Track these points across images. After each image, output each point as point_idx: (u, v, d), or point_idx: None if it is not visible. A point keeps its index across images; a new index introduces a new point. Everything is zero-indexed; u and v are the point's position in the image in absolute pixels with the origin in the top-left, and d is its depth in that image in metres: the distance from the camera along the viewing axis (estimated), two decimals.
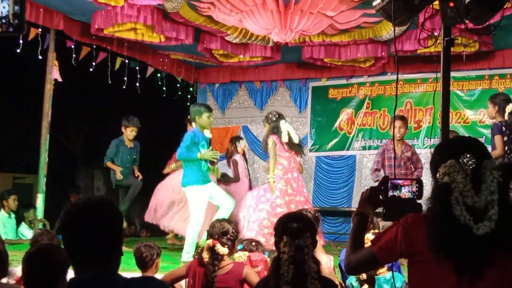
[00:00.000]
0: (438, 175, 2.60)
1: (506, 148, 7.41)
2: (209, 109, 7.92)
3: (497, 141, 7.49)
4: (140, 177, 9.48)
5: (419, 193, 2.89)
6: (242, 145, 9.97)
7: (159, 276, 5.02)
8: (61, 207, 12.52)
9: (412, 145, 9.22)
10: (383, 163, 8.67)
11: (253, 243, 5.56)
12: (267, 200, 7.85)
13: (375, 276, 4.82)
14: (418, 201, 2.90)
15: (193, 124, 7.97)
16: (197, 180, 7.58)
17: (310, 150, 12.46)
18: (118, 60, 10.56)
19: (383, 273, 4.82)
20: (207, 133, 7.82)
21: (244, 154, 10.01)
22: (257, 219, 7.73)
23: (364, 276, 4.85)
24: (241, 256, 5.17)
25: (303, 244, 3.46)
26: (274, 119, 8.07)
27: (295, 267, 3.41)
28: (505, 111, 7.58)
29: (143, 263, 5.14)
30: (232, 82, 13.04)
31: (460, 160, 2.56)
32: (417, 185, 2.90)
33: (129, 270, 5.54)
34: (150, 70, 11.43)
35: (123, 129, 9.34)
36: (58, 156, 14.82)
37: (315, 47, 10.54)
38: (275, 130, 8.03)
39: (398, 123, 8.60)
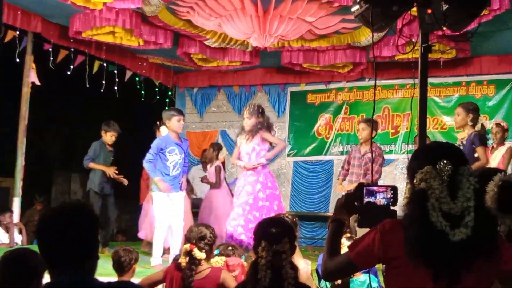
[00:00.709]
0: (415, 181, 2.61)
1: None
2: (179, 113, 8.00)
3: (481, 152, 7.50)
4: (125, 182, 9.42)
5: (394, 199, 2.91)
6: (224, 153, 10.00)
7: (135, 281, 5.00)
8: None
9: (381, 149, 9.24)
10: (348, 161, 8.76)
11: (230, 248, 5.56)
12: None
13: (351, 279, 4.84)
14: (393, 208, 2.92)
15: (162, 130, 8.03)
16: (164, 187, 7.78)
17: (288, 155, 12.49)
18: (96, 64, 10.51)
19: (357, 276, 4.83)
20: (175, 137, 7.93)
21: (223, 163, 10.05)
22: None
23: (338, 280, 4.86)
24: (218, 261, 5.16)
25: (281, 249, 3.44)
26: (263, 114, 8.01)
27: (273, 272, 3.40)
28: (478, 121, 7.60)
29: (121, 267, 5.11)
30: (210, 86, 13.04)
31: (437, 166, 2.57)
32: (391, 191, 2.91)
33: (105, 275, 5.52)
34: (128, 74, 11.39)
35: (102, 134, 9.24)
36: (35, 160, 14.66)
37: (294, 52, 10.56)
38: (268, 126, 7.99)
39: (361, 125, 8.73)
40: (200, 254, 4.67)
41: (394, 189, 2.93)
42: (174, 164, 7.93)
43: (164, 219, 7.78)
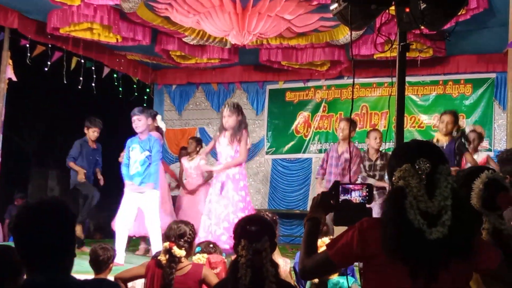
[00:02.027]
0: (393, 179, 2.63)
1: None
2: (133, 113, 8.10)
3: (470, 157, 7.66)
4: (102, 182, 9.43)
5: (369, 198, 2.93)
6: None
7: (111, 277, 5.00)
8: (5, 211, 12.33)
9: (359, 149, 9.29)
10: (326, 160, 8.79)
11: (211, 245, 5.55)
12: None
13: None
14: (368, 206, 2.94)
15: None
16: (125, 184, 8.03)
17: (267, 153, 12.50)
18: (74, 60, 10.44)
19: (332, 276, 4.82)
20: (138, 134, 8.11)
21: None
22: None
23: (315, 280, 4.85)
24: (200, 258, 5.16)
25: (261, 248, 3.43)
26: (242, 112, 7.97)
27: (253, 271, 3.39)
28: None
29: (98, 265, 5.09)
30: (189, 83, 13.00)
31: (416, 164, 2.59)
32: (367, 190, 2.93)
33: (82, 272, 5.50)
34: (106, 70, 11.32)
35: (85, 130, 9.28)
36: (11, 156, 14.55)
37: (273, 50, 10.57)
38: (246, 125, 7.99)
39: (342, 124, 8.74)
40: (179, 252, 4.66)
41: (369, 187, 2.95)
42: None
43: (122, 215, 7.99)
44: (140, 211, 8.07)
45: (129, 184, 7.93)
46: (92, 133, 9.27)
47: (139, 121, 8.02)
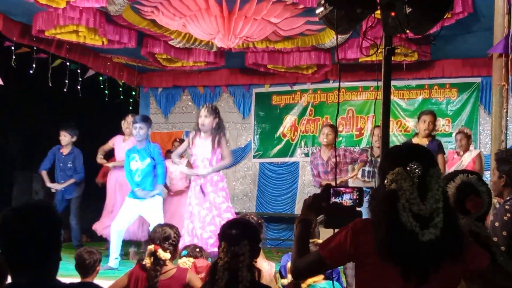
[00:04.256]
0: (386, 182, 2.66)
1: None
2: (136, 120, 8.24)
3: (441, 159, 7.70)
4: (54, 189, 9.54)
5: (360, 201, 2.95)
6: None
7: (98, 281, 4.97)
8: None
9: (346, 149, 9.35)
10: (315, 167, 8.82)
11: (197, 249, 5.55)
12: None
13: (311, 284, 4.81)
14: (358, 209, 2.96)
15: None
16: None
17: (254, 157, 12.50)
18: (58, 62, 10.38)
19: (319, 281, 4.82)
20: (136, 143, 8.27)
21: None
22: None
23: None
24: (186, 262, 5.16)
25: (239, 251, 3.43)
26: (219, 115, 7.92)
27: (230, 274, 3.40)
28: None
29: (84, 268, 5.07)
30: (175, 86, 12.99)
31: (408, 167, 2.62)
32: (357, 193, 2.96)
33: (67, 276, 5.47)
34: (90, 73, 11.28)
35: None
36: None
37: (259, 53, 10.57)
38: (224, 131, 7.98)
39: (326, 129, 8.76)
40: (164, 255, 4.66)
41: (360, 190, 2.98)
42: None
43: (116, 219, 8.15)
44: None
45: (137, 190, 8.09)
46: (62, 137, 9.31)
47: (141, 129, 8.07)
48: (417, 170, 2.61)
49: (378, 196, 2.68)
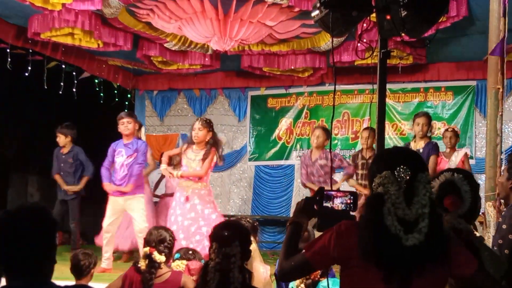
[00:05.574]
0: (373, 185, 2.66)
1: None
2: (121, 116, 8.18)
3: (433, 161, 7.70)
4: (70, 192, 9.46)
5: (354, 205, 2.94)
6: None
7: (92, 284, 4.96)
8: None
9: (336, 154, 9.40)
10: (305, 168, 8.88)
11: (190, 252, 5.54)
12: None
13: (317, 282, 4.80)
14: (352, 213, 2.95)
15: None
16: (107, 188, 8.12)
17: (250, 159, 12.49)
18: (53, 64, 10.37)
19: (323, 279, 4.81)
20: (123, 137, 8.16)
21: None
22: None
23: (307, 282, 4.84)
24: (179, 264, 5.15)
25: (230, 253, 3.44)
26: (213, 129, 7.97)
27: (221, 275, 3.41)
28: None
29: (79, 271, 5.06)
30: (170, 89, 12.96)
31: (395, 171, 2.61)
32: (351, 197, 2.95)
33: (62, 279, 5.45)
34: (85, 75, 11.27)
35: None
36: None
37: (254, 56, 10.58)
38: (217, 143, 7.96)
39: (317, 131, 8.85)
40: (159, 257, 4.65)
41: (354, 194, 2.97)
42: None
43: (106, 221, 8.04)
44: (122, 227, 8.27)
45: (114, 188, 7.98)
46: (58, 138, 9.35)
47: (129, 124, 8.05)
48: (404, 174, 2.60)
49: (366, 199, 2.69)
